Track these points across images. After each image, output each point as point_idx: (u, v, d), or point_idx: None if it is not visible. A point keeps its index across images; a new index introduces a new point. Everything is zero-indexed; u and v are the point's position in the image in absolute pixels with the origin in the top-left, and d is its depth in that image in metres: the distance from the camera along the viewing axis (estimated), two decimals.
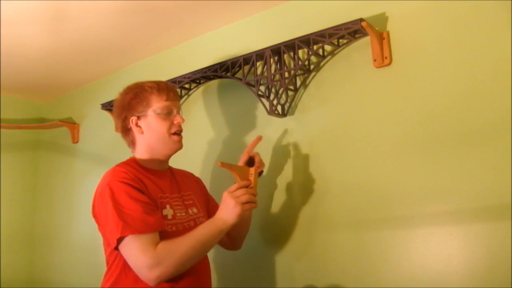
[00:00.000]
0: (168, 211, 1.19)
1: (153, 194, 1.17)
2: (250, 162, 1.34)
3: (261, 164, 1.35)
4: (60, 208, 2.54)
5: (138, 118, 1.25)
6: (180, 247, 1.07)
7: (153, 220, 1.09)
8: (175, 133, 1.25)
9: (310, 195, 1.50)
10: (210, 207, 1.40)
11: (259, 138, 1.39)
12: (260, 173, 1.35)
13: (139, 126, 1.25)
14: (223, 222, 1.11)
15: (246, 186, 1.16)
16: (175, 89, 1.31)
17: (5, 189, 2.57)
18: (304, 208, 1.50)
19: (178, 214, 1.21)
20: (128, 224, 1.06)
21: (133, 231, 1.06)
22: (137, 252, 1.06)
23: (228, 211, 1.11)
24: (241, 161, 1.33)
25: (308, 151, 1.53)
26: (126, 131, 1.29)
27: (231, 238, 1.38)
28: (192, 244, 1.08)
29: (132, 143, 1.29)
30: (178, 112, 1.27)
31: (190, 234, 1.10)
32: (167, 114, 1.24)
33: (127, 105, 1.26)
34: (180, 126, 1.26)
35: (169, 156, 1.28)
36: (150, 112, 1.23)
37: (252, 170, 1.20)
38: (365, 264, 1.34)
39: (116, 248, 1.09)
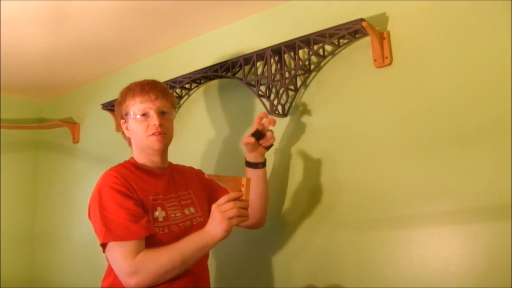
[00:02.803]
0: (159, 213, 1.18)
1: (144, 197, 1.17)
2: (258, 135, 1.30)
3: (271, 138, 1.33)
4: (60, 208, 2.54)
5: (125, 121, 1.29)
6: (160, 259, 1.07)
7: (136, 228, 1.09)
8: (153, 134, 1.22)
9: (310, 195, 1.50)
10: (218, 195, 1.32)
11: (264, 116, 1.33)
12: (269, 146, 1.35)
13: (128, 129, 1.29)
14: (210, 236, 1.08)
15: (237, 198, 1.09)
16: (158, 88, 1.25)
17: (5, 189, 2.57)
18: (304, 208, 1.51)
19: (171, 215, 1.21)
20: (111, 230, 1.08)
21: (115, 238, 1.08)
22: (118, 259, 1.08)
23: (215, 225, 1.08)
24: (251, 130, 1.31)
25: (308, 151, 1.53)
26: (123, 132, 1.33)
27: (252, 216, 1.29)
28: (172, 256, 1.08)
29: (129, 144, 1.33)
30: (157, 113, 1.22)
31: (173, 246, 1.09)
32: (144, 117, 1.23)
33: (116, 109, 1.32)
34: (157, 128, 1.21)
35: (157, 155, 1.27)
36: (130, 116, 1.25)
37: (244, 180, 1.10)
38: (365, 264, 1.34)
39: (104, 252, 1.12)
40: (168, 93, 1.30)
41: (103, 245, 1.11)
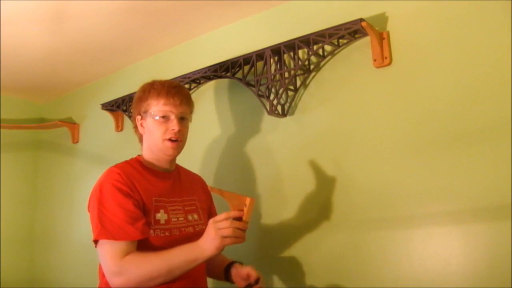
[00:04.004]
0: (161, 216, 1.18)
1: (146, 198, 1.17)
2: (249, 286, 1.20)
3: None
4: (60, 208, 2.54)
5: (142, 118, 1.25)
6: (145, 265, 1.06)
7: (132, 229, 1.09)
8: (170, 139, 1.20)
9: (310, 195, 1.50)
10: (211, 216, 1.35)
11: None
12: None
13: (143, 126, 1.25)
14: (200, 251, 1.05)
15: (237, 217, 1.04)
16: (183, 94, 1.24)
17: (5, 189, 2.57)
18: (304, 208, 1.51)
19: (173, 219, 1.20)
20: (105, 228, 1.08)
21: (109, 237, 1.08)
22: (106, 257, 1.09)
23: (208, 241, 1.05)
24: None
25: (308, 151, 1.53)
26: (135, 127, 1.29)
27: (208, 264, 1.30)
28: (159, 264, 1.06)
29: (140, 140, 1.30)
30: (178, 118, 1.21)
31: (162, 254, 1.08)
32: (164, 119, 1.21)
33: (134, 103, 1.28)
34: (175, 133, 1.20)
35: (167, 160, 1.26)
36: (149, 115, 1.22)
37: (247, 200, 1.04)
38: (365, 264, 1.34)
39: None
40: (191, 99, 1.28)
41: (96, 241, 1.11)
